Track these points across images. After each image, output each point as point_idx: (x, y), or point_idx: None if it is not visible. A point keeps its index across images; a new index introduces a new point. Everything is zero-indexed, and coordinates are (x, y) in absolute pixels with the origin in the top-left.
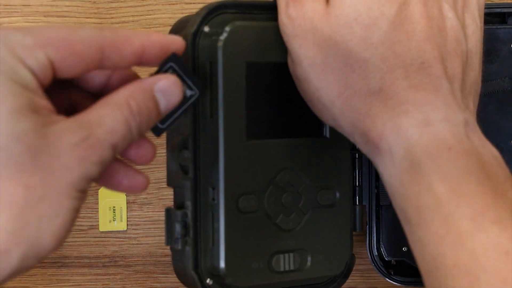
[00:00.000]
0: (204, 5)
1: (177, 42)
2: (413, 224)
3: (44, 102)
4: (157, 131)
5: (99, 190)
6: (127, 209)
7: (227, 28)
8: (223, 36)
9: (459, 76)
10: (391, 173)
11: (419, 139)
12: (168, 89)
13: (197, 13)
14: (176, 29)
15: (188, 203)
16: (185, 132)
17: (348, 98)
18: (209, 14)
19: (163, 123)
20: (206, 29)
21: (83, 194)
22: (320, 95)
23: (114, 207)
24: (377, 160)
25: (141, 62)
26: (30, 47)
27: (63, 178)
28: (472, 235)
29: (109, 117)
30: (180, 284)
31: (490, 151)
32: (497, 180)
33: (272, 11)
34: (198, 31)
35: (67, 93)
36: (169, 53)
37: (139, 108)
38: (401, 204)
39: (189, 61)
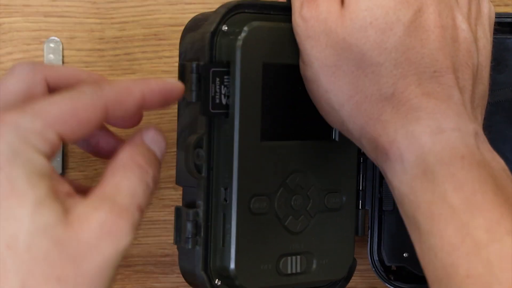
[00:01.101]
0: (204, 5)
1: (177, 87)
2: (424, 232)
3: (61, 186)
4: None
5: None
6: None
7: (246, 28)
8: (241, 36)
9: (469, 87)
10: (401, 180)
11: (432, 146)
12: (154, 136)
13: (216, 12)
14: (192, 27)
15: (200, 203)
16: (200, 131)
17: (358, 102)
18: (227, 13)
19: None
20: (224, 28)
21: (118, 265)
22: (329, 97)
23: None
24: (385, 166)
25: (143, 109)
26: (41, 131)
27: (94, 261)
28: (487, 245)
29: (124, 182)
30: (181, 284)
31: (499, 163)
32: (508, 192)
33: (289, 12)
34: (217, 30)
35: None
36: (170, 97)
37: (146, 161)
38: (411, 211)
39: (207, 59)
